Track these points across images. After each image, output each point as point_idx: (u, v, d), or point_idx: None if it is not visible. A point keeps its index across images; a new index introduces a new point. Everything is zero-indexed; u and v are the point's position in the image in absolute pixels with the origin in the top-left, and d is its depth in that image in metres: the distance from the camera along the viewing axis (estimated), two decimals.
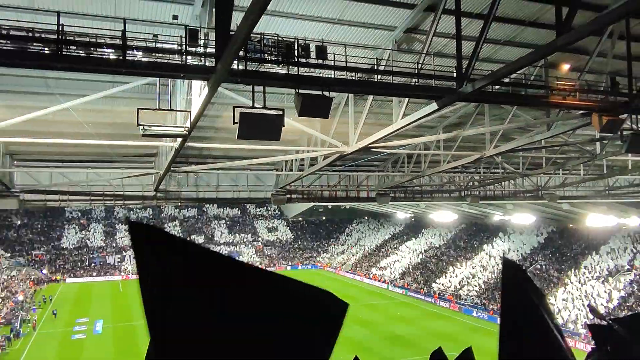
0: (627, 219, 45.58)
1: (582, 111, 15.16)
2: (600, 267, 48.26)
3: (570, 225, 55.42)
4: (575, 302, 44.23)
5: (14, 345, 36.68)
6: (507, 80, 13.53)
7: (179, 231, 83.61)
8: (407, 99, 15.32)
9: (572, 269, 49.96)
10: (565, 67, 17.16)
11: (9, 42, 9.98)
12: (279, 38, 11.85)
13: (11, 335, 38.04)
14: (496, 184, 35.43)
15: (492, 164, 30.31)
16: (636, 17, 14.64)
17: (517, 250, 58.79)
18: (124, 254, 75.90)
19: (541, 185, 34.75)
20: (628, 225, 47.86)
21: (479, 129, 20.07)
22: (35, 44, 10.20)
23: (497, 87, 13.54)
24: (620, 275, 45.57)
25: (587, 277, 47.48)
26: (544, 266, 53.57)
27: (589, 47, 15.40)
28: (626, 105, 14.43)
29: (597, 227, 49.83)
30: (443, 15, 12.92)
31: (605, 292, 44.23)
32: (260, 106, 12.41)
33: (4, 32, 10.03)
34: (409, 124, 15.35)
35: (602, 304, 42.67)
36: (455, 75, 12.66)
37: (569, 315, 42.51)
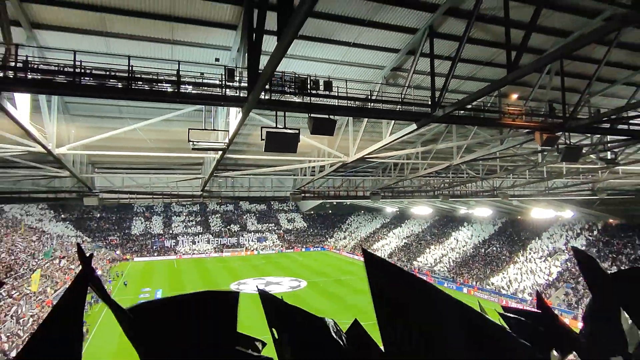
0: (563, 212, 45.46)
1: (527, 130, 15.10)
2: (542, 249, 47.93)
3: (519, 217, 55.09)
4: (523, 275, 43.95)
5: (94, 309, 36.88)
6: (469, 106, 13.50)
7: (221, 222, 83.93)
8: (393, 121, 15.37)
9: (521, 250, 49.62)
10: (514, 96, 17.10)
11: (91, 79, 10.11)
12: (296, 75, 11.91)
13: (92, 301, 38.21)
14: (461, 185, 35.31)
15: (459, 170, 30.24)
16: (568, 59, 14.61)
17: (478, 236, 58.39)
18: (178, 239, 76.18)
19: (496, 186, 34.62)
20: (563, 217, 47.80)
21: (449, 143, 20.03)
22: (111, 80, 10.31)
23: (462, 111, 13.54)
24: (558, 255, 45.24)
25: (532, 257, 47.14)
26: (498, 248, 53.18)
27: (532, 81, 15.34)
28: (561, 125, 14.38)
29: (539, 218, 49.73)
30: (420, 58, 12.96)
31: (546, 268, 43.91)
32: (282, 126, 12.48)
33: (88, 71, 10.17)
34: (394, 140, 15.37)
35: (544, 278, 42.37)
36: (430, 103, 12.68)
37: (519, 285, 42.25)
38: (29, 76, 9.55)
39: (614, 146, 20.27)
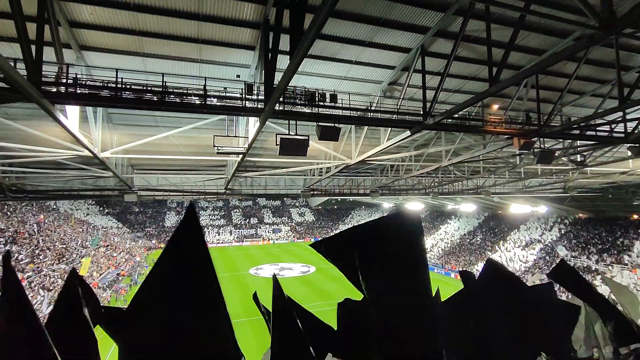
0: (538, 208, 44.93)
1: (506, 136, 14.97)
2: (520, 239, 47.52)
3: (499, 211, 54.60)
4: (504, 263, 43.51)
5: (133, 290, 37.24)
6: (456, 115, 13.42)
7: (241, 216, 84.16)
8: (390, 129, 15.30)
9: (501, 241, 49.23)
10: (495, 106, 16.97)
11: (131, 93, 10.20)
12: (305, 89, 11.93)
13: (131, 283, 38.65)
14: (449, 184, 35.06)
15: (447, 171, 30.06)
16: (542, 74, 14.47)
17: (464, 228, 58.04)
18: (204, 230, 76.50)
19: (479, 185, 34.33)
20: (539, 212, 47.23)
21: (438, 148, 19.91)
22: (147, 94, 10.39)
23: (449, 120, 13.44)
24: (534, 245, 44.82)
25: (512, 246, 46.76)
26: (481, 239, 52.79)
27: (511, 93, 15.21)
28: (536, 132, 14.23)
29: (517, 212, 49.14)
30: (414, 74, 12.88)
31: (523, 256, 43.51)
32: (293, 133, 12.49)
33: (128, 86, 10.26)
34: (391, 145, 15.31)
35: (521, 264, 41.98)
36: (422, 112, 12.62)
37: None
38: (78, 91, 9.67)
39: (583, 150, 20.02)
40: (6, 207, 40.61)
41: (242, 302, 31.64)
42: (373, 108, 13.53)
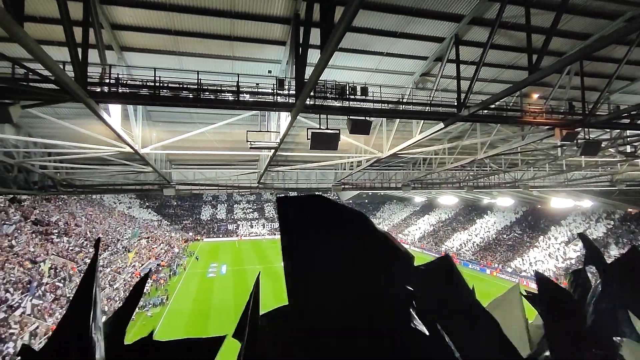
0: (581, 202, 42.66)
1: (547, 127, 14.25)
2: (562, 235, 45.37)
3: (539, 205, 52.30)
4: (544, 259, 41.80)
5: (172, 280, 38.79)
6: (493, 106, 12.92)
7: (274, 209, 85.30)
8: (422, 121, 14.96)
9: (541, 236, 47.17)
10: (535, 96, 16.21)
11: (168, 91, 10.56)
12: (336, 82, 11.88)
13: (170, 273, 40.25)
14: (485, 178, 33.92)
15: (483, 164, 29.10)
16: (587, 60, 13.64)
17: (500, 223, 56.05)
18: (239, 223, 78.40)
19: (517, 178, 32.95)
20: (582, 207, 44.86)
21: (473, 140, 19.27)
22: (184, 92, 10.72)
23: (485, 111, 12.96)
24: (576, 241, 42.69)
25: (552, 242, 44.72)
26: (519, 235, 50.82)
27: (553, 81, 14.46)
28: (580, 122, 13.46)
29: (559, 207, 46.87)
30: (447, 64, 12.51)
31: (565, 252, 41.57)
32: (324, 127, 12.49)
33: (165, 85, 10.62)
34: (423, 137, 14.98)
35: (563, 261, 40.13)
36: (456, 104, 12.26)
37: (537, 267, 40.21)
38: (120, 90, 10.12)
39: (633, 140, 18.73)
40: (59, 200, 43.39)
41: (274, 292, 32.34)
42: (405, 100, 13.28)
